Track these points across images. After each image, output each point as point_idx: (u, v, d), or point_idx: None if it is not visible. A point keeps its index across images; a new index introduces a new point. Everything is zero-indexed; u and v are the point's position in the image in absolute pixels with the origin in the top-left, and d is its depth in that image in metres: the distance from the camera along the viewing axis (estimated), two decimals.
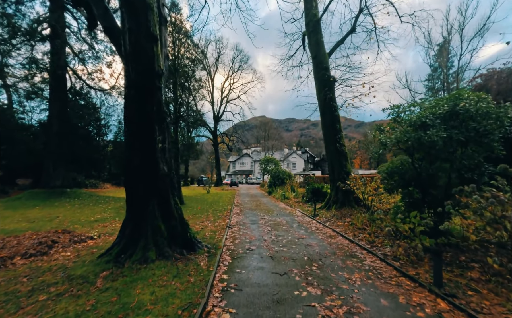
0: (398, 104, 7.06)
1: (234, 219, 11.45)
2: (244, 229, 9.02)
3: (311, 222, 10.59)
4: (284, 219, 11.17)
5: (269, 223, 10.29)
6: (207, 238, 7.50)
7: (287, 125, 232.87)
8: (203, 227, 9.44)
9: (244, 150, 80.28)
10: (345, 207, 12.07)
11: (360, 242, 7.17)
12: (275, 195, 23.74)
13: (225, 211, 14.04)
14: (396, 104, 7.22)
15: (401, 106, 6.96)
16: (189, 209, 15.12)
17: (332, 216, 11.16)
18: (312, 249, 6.55)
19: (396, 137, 6.37)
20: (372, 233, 7.82)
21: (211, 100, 54.32)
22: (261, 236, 7.91)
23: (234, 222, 10.58)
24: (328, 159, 13.77)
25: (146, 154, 5.46)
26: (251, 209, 15.01)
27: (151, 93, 5.45)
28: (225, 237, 7.62)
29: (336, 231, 8.49)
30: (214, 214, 13.11)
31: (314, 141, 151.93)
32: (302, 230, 8.84)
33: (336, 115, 13.47)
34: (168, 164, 5.78)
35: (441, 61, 32.93)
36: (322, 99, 13.70)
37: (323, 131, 14.15)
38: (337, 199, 12.60)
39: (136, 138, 5.44)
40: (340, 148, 13.03)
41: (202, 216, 12.31)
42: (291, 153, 76.24)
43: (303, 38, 16.49)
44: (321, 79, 13.88)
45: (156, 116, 5.49)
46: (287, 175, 29.55)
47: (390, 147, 6.76)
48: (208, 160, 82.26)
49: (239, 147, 68.81)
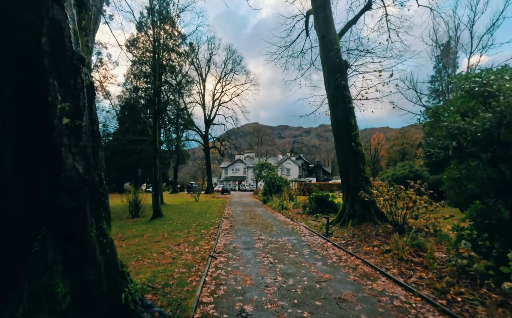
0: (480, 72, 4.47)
1: (221, 240, 8.58)
2: (234, 261, 6.18)
3: (325, 245, 7.83)
4: (288, 240, 8.39)
5: (269, 247, 7.49)
6: (171, 288, 4.59)
7: (279, 132, 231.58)
8: (174, 257, 6.55)
9: (236, 156, 77.39)
10: (365, 222, 9.37)
11: (421, 289, 4.44)
12: (271, 204, 20.93)
13: (212, 227, 11.15)
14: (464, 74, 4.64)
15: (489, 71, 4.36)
16: (166, 224, 12.15)
17: (352, 236, 8.43)
18: (351, 310, 3.78)
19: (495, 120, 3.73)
20: (431, 270, 5.12)
21: (202, 103, 51.51)
22: (261, 277, 5.09)
23: (221, 246, 7.72)
24: (340, 162, 11.12)
25: (31, 135, 2.65)
26: (245, 223, 12.16)
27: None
28: (203, 281, 4.76)
29: (370, 264, 5.75)
30: (197, 231, 10.20)
31: (306, 148, 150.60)
32: (319, 262, 6.06)
33: (350, 108, 10.90)
34: (86, 160, 2.97)
35: (445, 62, 31.20)
36: (332, 88, 11.13)
37: (333, 128, 11.54)
38: (353, 212, 9.90)
39: (13, 100, 2.63)
40: (356, 148, 10.41)
41: (180, 235, 9.39)
42: (285, 159, 73.82)
43: (306, 20, 14.02)
44: (331, 64, 11.34)
45: (52, 58, 2.70)
46: (284, 181, 26.83)
47: (471, 139, 4.14)
48: (199, 166, 78.85)
49: (232, 153, 66.02)
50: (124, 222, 13.65)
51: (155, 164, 13.91)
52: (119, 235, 9.78)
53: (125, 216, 15.73)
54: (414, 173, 24.08)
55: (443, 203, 7.37)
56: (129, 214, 15.54)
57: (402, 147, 75.62)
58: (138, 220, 14.40)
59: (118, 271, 3.12)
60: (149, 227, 11.63)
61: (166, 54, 22.06)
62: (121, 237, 9.44)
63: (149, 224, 12.59)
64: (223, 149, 51.40)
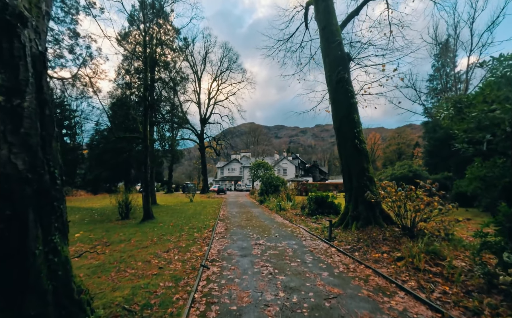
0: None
1: (215, 245, 7.84)
2: (229, 272, 5.45)
3: (329, 251, 7.15)
4: (288, 245, 7.69)
5: (268, 253, 6.78)
6: (151, 310, 3.81)
7: (276, 132, 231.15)
8: (162, 267, 5.79)
9: (232, 156, 76.52)
10: (370, 225, 8.73)
11: (449, 308, 3.77)
12: (268, 205, 20.23)
13: (206, 230, 10.41)
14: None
15: None
16: (157, 227, 11.37)
17: (357, 241, 7.77)
18: None
19: None
20: (455, 283, 4.46)
21: (198, 102, 50.61)
22: (260, 292, 4.37)
23: (215, 252, 6.99)
24: (342, 160, 10.46)
25: None
26: (241, 225, 11.44)
27: None
28: (191, 300, 4.02)
29: (384, 275, 5.07)
30: (189, 235, 9.45)
31: (303, 148, 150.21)
32: (324, 272, 5.37)
33: (353, 103, 10.24)
34: (29, 153, 2.23)
35: (444, 61, 30.82)
36: (334, 81, 10.47)
37: (334, 125, 10.88)
38: (357, 214, 9.25)
39: None
40: (360, 146, 9.76)
41: (171, 240, 8.63)
42: (282, 158, 73.19)
43: (305, 12, 13.34)
44: (332, 56, 10.67)
45: None
46: (281, 181, 26.14)
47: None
48: (195, 165, 77.78)
49: (228, 153, 65.06)
50: (112, 225, 12.82)
51: (145, 162, 13.08)
52: (104, 239, 8.98)
53: (114, 218, 14.89)
54: (413, 173, 23.61)
55: (456, 205, 6.76)
56: (118, 216, 14.70)
57: (398, 147, 75.69)
58: (128, 222, 13.57)
59: (74, 300, 2.37)
60: (138, 230, 10.83)
61: (159, 49, 21.23)
62: (105, 242, 8.63)
63: (139, 227, 11.79)
64: (219, 149, 50.54)
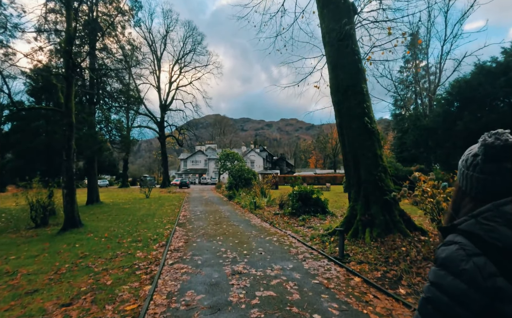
0: None
1: (166, 280, 4.61)
2: None
3: (352, 283, 4.46)
4: (285, 274, 4.82)
5: (258, 299, 3.81)
6: None
7: (242, 125, 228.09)
8: None
9: (197, 147, 71.57)
10: (391, 234, 6.31)
11: None
12: (239, 201, 17.26)
13: (156, 245, 7.07)
14: None
15: None
16: (82, 239, 7.63)
17: (385, 261, 5.22)
18: None
19: None
20: None
21: (157, 85, 45.12)
22: None
23: (162, 301, 3.79)
24: (346, 145, 7.86)
25: None
26: (208, 234, 8.30)
27: None
28: None
29: None
30: (127, 256, 6.03)
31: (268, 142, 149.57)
32: None
33: (360, 69, 7.70)
34: None
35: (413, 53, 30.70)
36: (335, 40, 7.78)
37: (334, 99, 8.24)
38: (370, 218, 6.76)
39: None
40: (371, 126, 7.27)
41: (92, 267, 5.14)
42: (250, 150, 70.64)
43: None
44: (333, 5, 7.97)
45: None
46: (253, 174, 23.33)
47: None
48: (154, 157, 70.90)
49: (192, 144, 59.91)
50: (15, 238, 8.67)
51: (68, 146, 9.03)
52: None
53: (25, 225, 10.56)
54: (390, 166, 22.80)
55: None
56: (31, 223, 10.42)
57: None
58: (43, 232, 9.50)
59: None
60: (48, 248, 7.05)
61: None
62: None
63: (53, 240, 7.93)
64: (182, 139, 45.78)
